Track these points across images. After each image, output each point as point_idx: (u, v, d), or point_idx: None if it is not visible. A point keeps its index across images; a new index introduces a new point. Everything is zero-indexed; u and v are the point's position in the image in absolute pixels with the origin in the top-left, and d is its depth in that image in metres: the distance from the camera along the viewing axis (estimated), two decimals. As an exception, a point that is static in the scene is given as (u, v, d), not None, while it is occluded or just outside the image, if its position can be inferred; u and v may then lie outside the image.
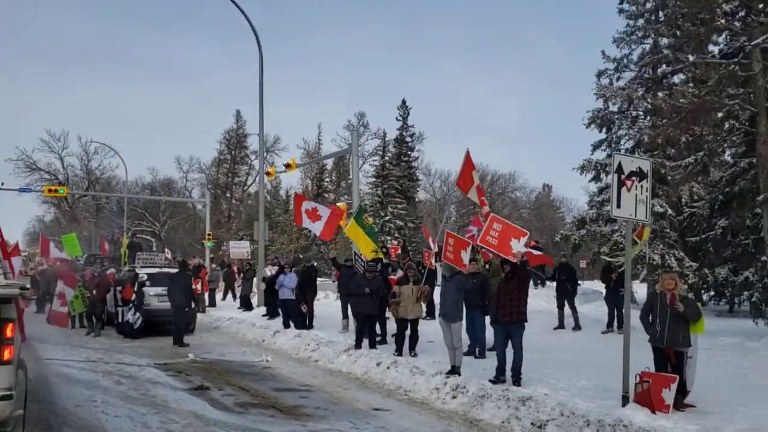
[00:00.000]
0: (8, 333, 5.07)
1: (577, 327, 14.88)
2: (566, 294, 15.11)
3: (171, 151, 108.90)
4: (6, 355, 5.02)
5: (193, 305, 16.05)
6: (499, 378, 9.10)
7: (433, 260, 15.27)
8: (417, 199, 55.15)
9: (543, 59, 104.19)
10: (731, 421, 6.97)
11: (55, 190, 41.57)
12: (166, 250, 29.56)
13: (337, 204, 27.18)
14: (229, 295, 24.97)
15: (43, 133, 61.60)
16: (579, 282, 17.17)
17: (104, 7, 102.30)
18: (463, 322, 10.57)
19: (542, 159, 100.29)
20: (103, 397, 8.69)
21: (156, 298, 16.29)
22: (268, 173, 28.52)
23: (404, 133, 51.75)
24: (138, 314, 15.38)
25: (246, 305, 20.73)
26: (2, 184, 36.68)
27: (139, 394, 9.11)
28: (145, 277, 16.21)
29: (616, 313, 14.24)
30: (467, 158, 12.87)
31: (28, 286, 5.07)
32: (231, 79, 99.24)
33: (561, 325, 14.99)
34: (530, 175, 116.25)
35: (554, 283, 15.80)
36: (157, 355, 13.01)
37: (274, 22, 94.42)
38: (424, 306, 12.68)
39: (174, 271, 16.20)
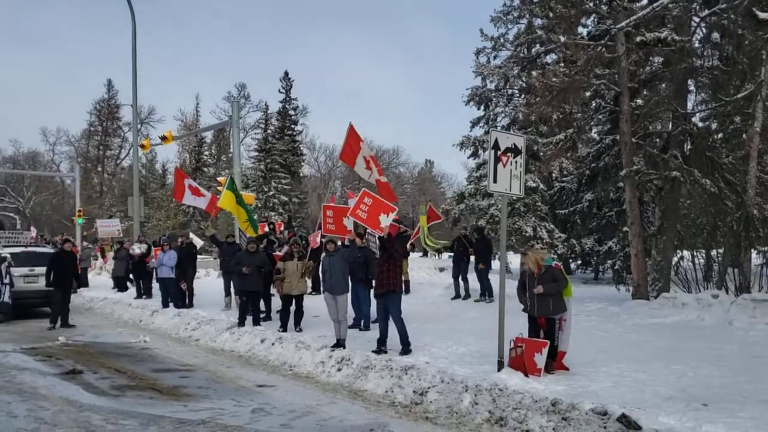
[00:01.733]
0: None
1: (467, 296, 15.34)
2: (461, 266, 15.47)
3: (36, 122, 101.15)
4: None
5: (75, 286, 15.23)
6: (381, 349, 9.30)
7: (318, 239, 15.27)
8: (302, 174, 54.79)
9: (424, 37, 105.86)
10: (595, 381, 7.54)
11: None
12: (32, 228, 27.56)
13: (218, 179, 26.51)
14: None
15: None
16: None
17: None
18: (348, 295, 10.69)
19: (425, 135, 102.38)
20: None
21: (22, 279, 15.24)
22: (142, 146, 27.22)
23: (287, 107, 51.08)
24: (7, 296, 14.34)
25: (120, 286, 19.83)
26: None
27: (3, 381, 8.50)
28: (9, 257, 15.06)
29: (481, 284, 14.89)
30: (350, 131, 12.90)
31: None
32: (101, 44, 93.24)
33: (457, 295, 15.38)
34: (413, 150, 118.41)
35: (451, 255, 16.22)
36: (22, 340, 12.21)
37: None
38: (309, 281, 12.67)
39: (53, 251, 15.14)
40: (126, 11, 20.66)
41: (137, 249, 17.98)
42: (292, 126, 51.75)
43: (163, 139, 25.78)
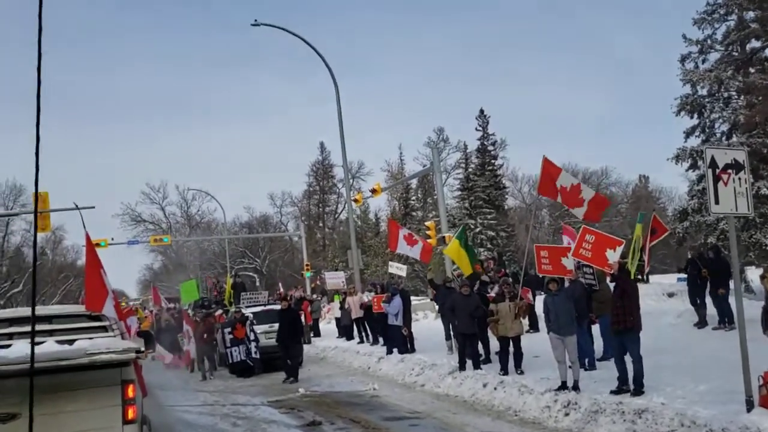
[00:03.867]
0: (130, 393, 5.42)
1: (703, 324, 14.03)
2: (697, 289, 14.29)
3: (264, 188, 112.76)
4: (130, 414, 5.37)
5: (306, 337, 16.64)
6: (621, 388, 8.82)
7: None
8: (506, 207, 54.42)
9: (615, 47, 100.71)
10: None
11: (160, 239, 44.06)
12: (280, 285, 30.56)
13: (426, 223, 27.28)
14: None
15: (144, 186, 65.31)
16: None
17: (174, 57, 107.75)
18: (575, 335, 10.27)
19: (634, 150, 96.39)
20: (223, 441, 9.07)
21: (264, 335, 16.87)
22: (355, 201, 29.05)
23: (485, 143, 51.37)
24: (254, 352, 15.96)
25: (346, 334, 21.04)
26: (112, 239, 39.11)
27: (256, 434, 9.45)
28: (251, 316, 16.81)
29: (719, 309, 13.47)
30: (545, 164, 12.59)
31: (143, 348, 5.41)
32: (312, 113, 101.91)
33: (702, 321, 14.13)
34: (624, 168, 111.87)
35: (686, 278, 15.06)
36: (268, 392, 13.44)
37: (345, 50, 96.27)
38: (524, 321, 12.47)
39: (279, 307, 16.61)
40: (330, 81, 22.74)
41: (365, 297, 19.01)
42: (492, 161, 51.88)
43: (373, 192, 27.32)
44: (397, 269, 19.37)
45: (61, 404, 5.25)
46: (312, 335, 23.48)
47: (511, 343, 11.48)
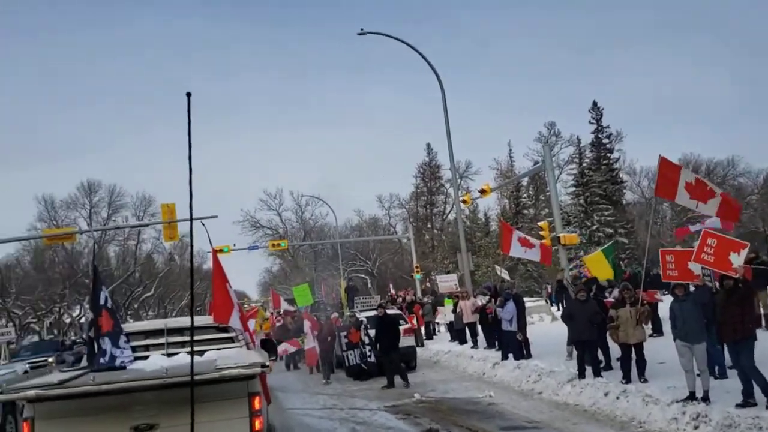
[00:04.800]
0: (256, 405, 5.69)
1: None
2: None
3: (372, 190, 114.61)
4: (257, 425, 5.63)
5: (411, 343, 16.71)
6: (747, 401, 8.26)
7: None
8: (624, 202, 52.24)
9: (741, 27, 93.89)
10: None
11: (278, 244, 45.82)
12: (391, 286, 30.99)
13: (539, 223, 26.68)
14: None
15: (261, 194, 68.14)
16: None
17: (285, 67, 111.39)
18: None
19: (764, 137, 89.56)
20: (343, 447, 9.30)
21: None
22: (464, 202, 28.88)
23: (600, 136, 49.57)
24: (369, 356, 16.22)
25: (459, 338, 20.93)
26: (234, 245, 41.32)
27: (374, 441, 9.61)
28: (365, 320, 17.11)
29: None
30: (661, 164, 11.91)
31: (268, 363, 5.65)
32: (419, 115, 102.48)
33: None
34: (753, 156, 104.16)
35: None
36: (385, 397, 13.62)
37: (449, 46, 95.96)
38: (647, 327, 11.91)
39: (380, 314, 16.80)
40: (433, 78, 22.66)
41: (479, 301, 18.87)
42: (608, 155, 49.95)
43: (482, 192, 27.05)
44: (501, 272, 19.13)
45: (195, 415, 5.57)
46: (424, 338, 23.59)
47: (633, 350, 11.01)
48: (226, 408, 5.61)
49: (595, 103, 49.40)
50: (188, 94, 4.72)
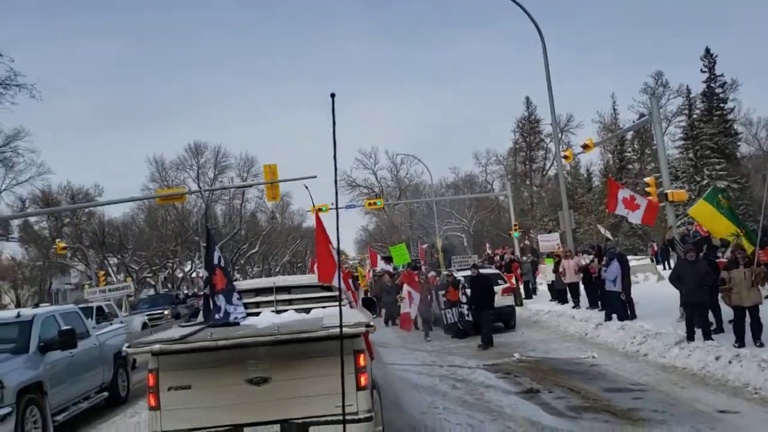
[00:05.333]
0: (361, 362, 5.87)
1: None
2: None
3: (469, 147, 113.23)
4: (362, 381, 5.82)
5: (510, 302, 16.65)
6: None
7: None
8: (739, 155, 49.00)
9: None
10: None
11: (374, 203, 46.37)
12: (487, 245, 30.83)
13: (645, 179, 25.54)
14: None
15: (357, 154, 69.03)
16: None
17: (376, 25, 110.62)
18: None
19: None
20: (444, 403, 9.45)
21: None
22: (565, 157, 28.00)
23: (712, 85, 46.46)
24: (466, 315, 16.26)
25: (560, 298, 20.59)
26: (332, 204, 42.25)
27: (474, 399, 9.70)
28: (462, 280, 17.13)
29: None
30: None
31: (372, 323, 5.79)
32: (517, 68, 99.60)
33: None
34: None
35: None
36: (483, 356, 13.68)
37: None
38: (763, 289, 11.24)
39: (473, 274, 16.73)
40: (532, 29, 21.72)
41: (582, 260, 18.45)
42: (721, 105, 46.82)
43: (585, 147, 26.06)
44: (605, 232, 18.51)
45: (303, 370, 5.83)
46: (523, 297, 23.38)
47: (747, 312, 10.46)
48: (334, 363, 5.82)
49: (707, 50, 46.28)
50: (332, 95, 4.89)
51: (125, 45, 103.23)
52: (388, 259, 29.04)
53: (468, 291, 16.40)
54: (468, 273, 17.61)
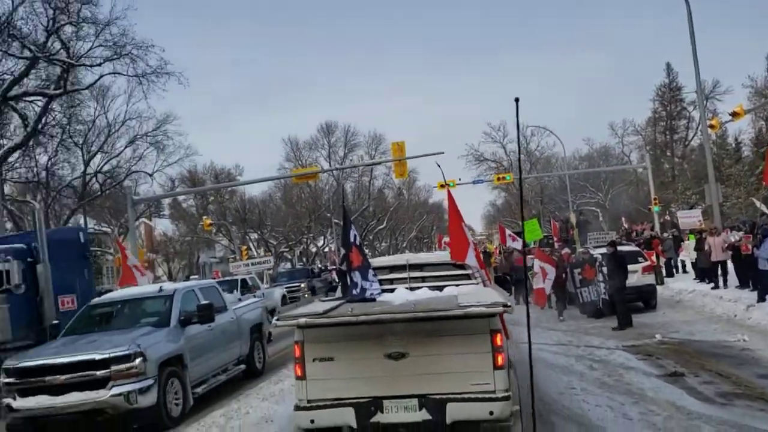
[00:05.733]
0: (498, 342, 5.86)
1: None
2: None
3: (604, 118, 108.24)
4: (499, 361, 5.81)
5: (651, 281, 15.85)
6: None
7: None
8: None
9: None
10: None
11: (503, 177, 45.72)
12: (623, 220, 29.39)
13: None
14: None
15: (485, 127, 67.97)
16: None
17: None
18: None
19: None
20: (581, 384, 9.23)
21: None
22: (711, 126, 26.14)
23: None
24: (603, 293, 15.67)
25: (705, 276, 19.29)
26: (459, 179, 42.31)
27: (613, 380, 9.39)
28: (599, 257, 16.52)
29: None
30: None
31: (509, 303, 5.74)
32: (656, 31, 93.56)
33: None
34: None
35: None
36: (622, 336, 13.18)
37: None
38: None
39: (609, 252, 15.99)
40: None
41: (732, 237, 17.19)
42: None
43: (734, 115, 24.25)
44: (760, 205, 17.06)
45: (439, 347, 5.92)
46: (665, 276, 22.17)
47: None
48: (470, 342, 5.86)
49: None
50: (516, 100, 5.03)
51: (260, 26, 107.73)
52: (517, 235, 28.44)
53: (605, 269, 15.81)
54: (604, 250, 16.96)
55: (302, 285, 38.26)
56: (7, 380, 9.02)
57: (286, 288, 33.23)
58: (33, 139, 25.82)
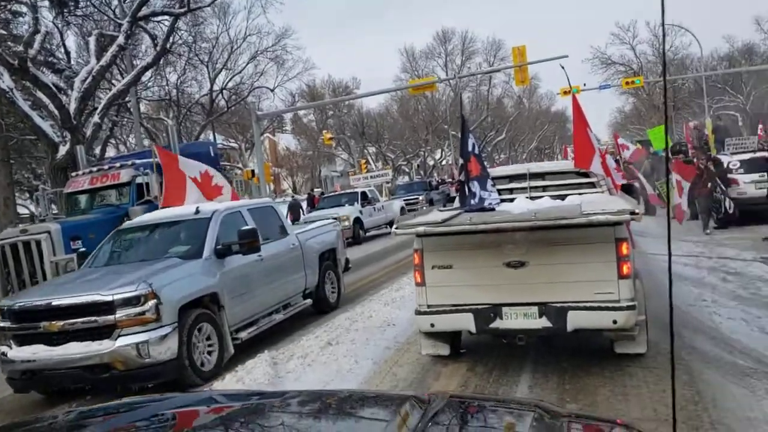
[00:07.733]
0: (624, 251, 5.65)
1: None
2: None
3: (748, 11, 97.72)
4: (625, 270, 5.63)
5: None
6: None
7: None
8: None
9: None
10: None
11: (632, 81, 42.98)
12: (760, 126, 26.89)
13: None
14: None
15: (613, 28, 63.58)
16: None
17: None
18: None
19: None
20: (712, 296, 8.79)
21: (753, 185, 15.39)
22: None
23: None
24: (729, 206, 14.64)
25: None
26: (584, 84, 40.13)
27: (749, 293, 8.87)
28: (738, 164, 15.36)
29: None
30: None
31: (638, 210, 5.45)
32: None
33: None
34: None
35: None
36: (762, 248, 12.33)
37: None
38: None
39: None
40: None
41: None
42: None
43: None
44: None
45: (561, 256, 5.81)
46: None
47: None
48: (593, 252, 5.71)
49: None
50: None
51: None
52: (645, 144, 26.87)
53: (744, 177, 14.69)
54: (744, 157, 15.74)
55: (420, 198, 38.65)
56: (2, 324, 7.32)
57: (404, 200, 33.73)
58: (163, 58, 27.03)
